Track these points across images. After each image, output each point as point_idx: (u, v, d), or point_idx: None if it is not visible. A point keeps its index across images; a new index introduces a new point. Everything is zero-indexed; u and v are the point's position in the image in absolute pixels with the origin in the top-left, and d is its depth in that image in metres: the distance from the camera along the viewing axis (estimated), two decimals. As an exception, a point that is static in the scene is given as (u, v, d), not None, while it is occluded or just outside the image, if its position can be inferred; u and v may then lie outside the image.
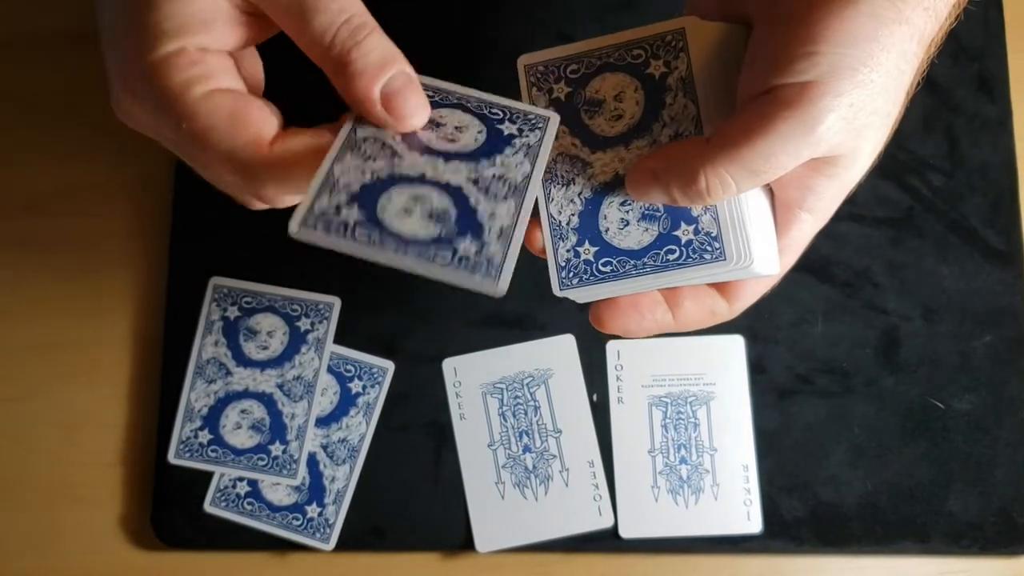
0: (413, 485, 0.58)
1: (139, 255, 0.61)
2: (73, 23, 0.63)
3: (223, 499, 0.57)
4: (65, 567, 0.59)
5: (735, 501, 0.57)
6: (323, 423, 0.58)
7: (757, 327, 0.59)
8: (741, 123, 0.35)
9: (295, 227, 0.34)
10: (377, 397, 0.58)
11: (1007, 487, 0.57)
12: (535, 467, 0.58)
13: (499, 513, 0.57)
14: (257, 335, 0.59)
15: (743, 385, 0.58)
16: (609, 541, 0.57)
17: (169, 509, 0.58)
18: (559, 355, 0.58)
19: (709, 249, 0.37)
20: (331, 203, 0.35)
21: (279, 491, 0.58)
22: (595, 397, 0.58)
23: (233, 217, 0.60)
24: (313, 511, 0.57)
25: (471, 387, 0.58)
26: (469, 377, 0.58)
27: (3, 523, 0.59)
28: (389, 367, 0.59)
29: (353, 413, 0.58)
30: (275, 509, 0.57)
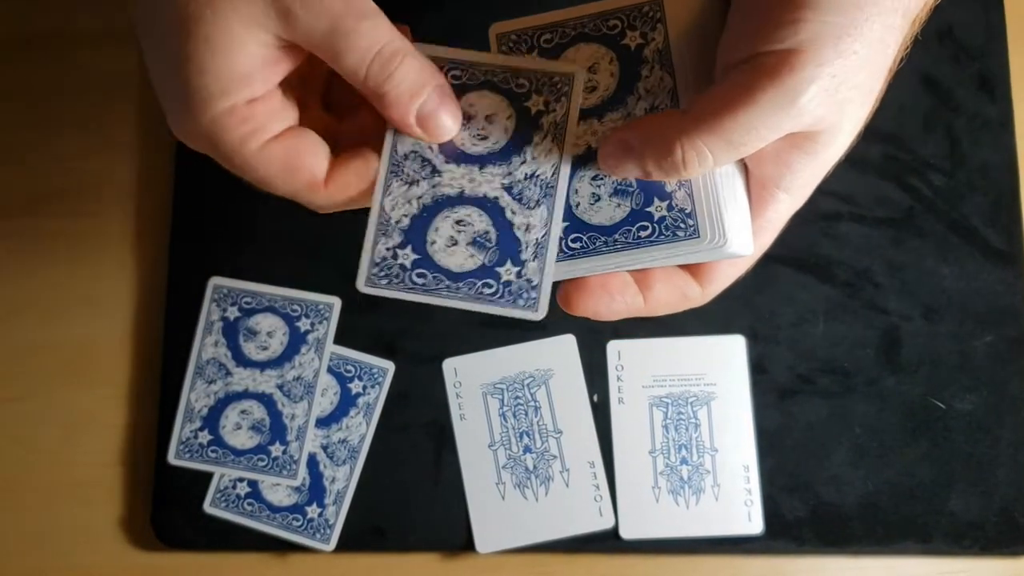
0: (413, 486, 0.58)
1: (139, 255, 0.61)
2: (73, 23, 0.63)
3: (223, 500, 0.57)
4: (65, 567, 0.58)
5: (736, 501, 0.57)
6: (323, 423, 0.58)
7: (758, 327, 0.59)
8: (720, 93, 0.34)
9: (362, 285, 0.38)
10: (377, 397, 0.58)
11: (1008, 487, 0.57)
12: (536, 467, 0.58)
13: (499, 514, 0.57)
14: (257, 335, 0.59)
15: (744, 385, 0.58)
16: (610, 542, 0.57)
17: (169, 510, 0.58)
18: (560, 355, 0.58)
19: (683, 226, 0.36)
20: (388, 249, 0.38)
21: (279, 492, 0.57)
22: (596, 397, 0.58)
23: (233, 217, 0.60)
24: (313, 512, 0.57)
25: (471, 387, 0.58)
26: (469, 377, 0.58)
27: (3, 523, 0.59)
28: (389, 367, 0.59)
29: (353, 413, 0.58)
30: (275, 510, 0.57)
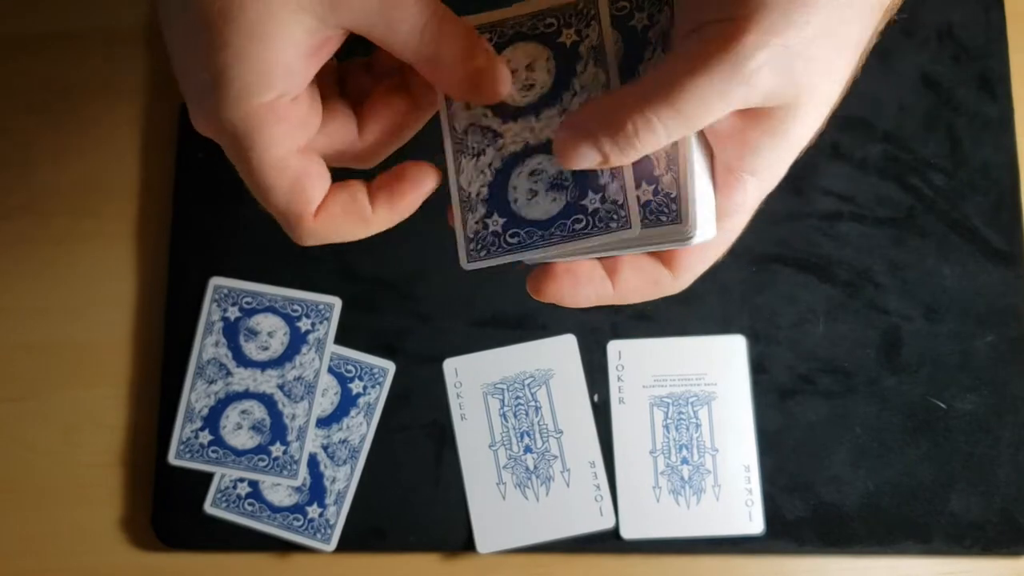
0: (414, 486, 0.58)
1: (140, 255, 0.61)
2: (74, 23, 0.63)
3: (224, 500, 0.57)
4: (66, 568, 0.58)
5: (737, 501, 0.57)
6: (324, 424, 0.58)
7: (758, 327, 0.59)
8: (668, 64, 0.33)
9: (465, 263, 0.38)
10: (378, 398, 0.58)
11: (1009, 487, 0.57)
12: (536, 468, 0.58)
13: (500, 514, 0.57)
14: (258, 335, 0.59)
15: (744, 385, 0.58)
16: (610, 542, 0.57)
17: (170, 510, 0.58)
18: (560, 355, 0.58)
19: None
20: (477, 222, 0.39)
21: (280, 492, 0.57)
22: (596, 397, 0.58)
23: (234, 217, 0.60)
24: (314, 512, 0.57)
25: (472, 387, 0.58)
26: (470, 377, 0.58)
27: (4, 523, 0.59)
28: (390, 367, 0.59)
29: (354, 414, 0.58)
30: (276, 510, 0.57)
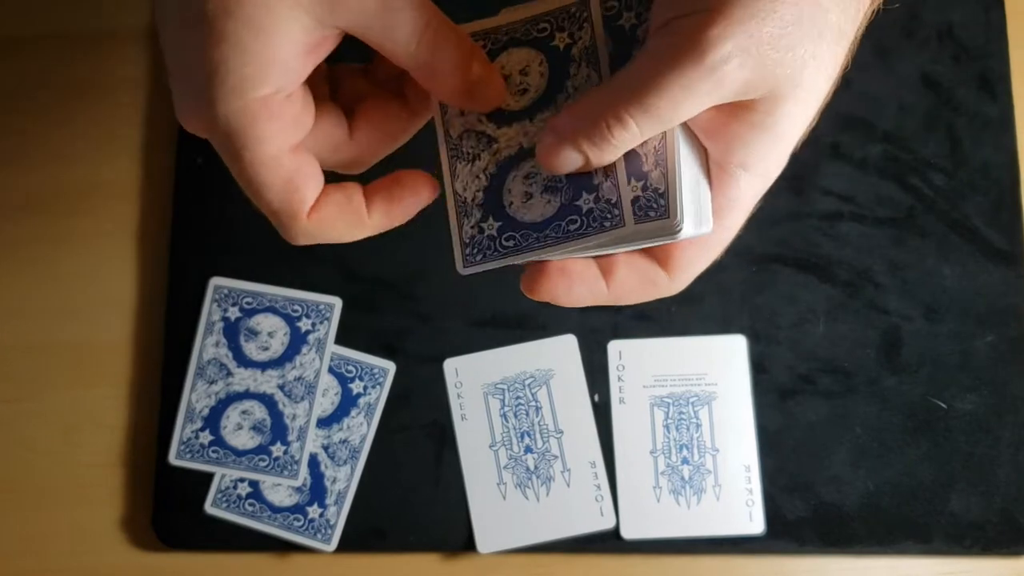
0: (414, 486, 0.58)
1: (140, 255, 0.61)
2: (74, 23, 0.63)
3: (224, 500, 0.57)
4: (66, 568, 0.58)
5: (737, 501, 0.57)
6: (324, 424, 0.58)
7: (759, 327, 0.59)
8: (637, 61, 0.34)
9: (461, 268, 0.39)
10: (378, 398, 0.58)
11: (1009, 487, 0.57)
12: (537, 468, 0.58)
13: (500, 514, 0.57)
14: (258, 336, 0.59)
15: (745, 385, 0.58)
16: (611, 542, 0.57)
17: (170, 510, 0.58)
18: (560, 355, 0.58)
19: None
20: (472, 226, 0.39)
21: (280, 492, 0.57)
22: (597, 397, 0.58)
23: (234, 218, 0.60)
24: (314, 512, 0.57)
25: (472, 387, 0.58)
26: (470, 377, 0.58)
27: (4, 523, 0.59)
28: (390, 368, 0.59)
29: (354, 414, 0.58)
30: (276, 510, 0.57)
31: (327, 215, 0.37)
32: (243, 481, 0.58)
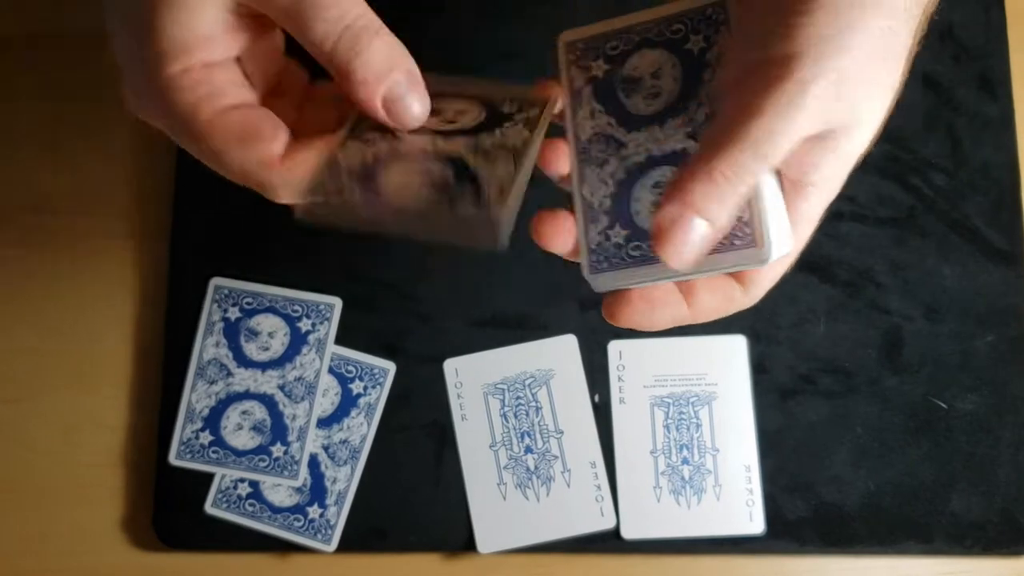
0: (414, 486, 0.58)
1: (140, 255, 0.61)
2: (74, 24, 0.63)
3: (224, 500, 0.57)
4: (66, 568, 0.59)
5: (737, 502, 0.57)
6: (324, 424, 0.58)
7: (759, 327, 0.59)
8: (732, 111, 0.34)
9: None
10: (378, 398, 0.58)
11: (1010, 487, 0.57)
12: (537, 468, 0.58)
13: (501, 514, 0.57)
14: (258, 336, 0.59)
15: (745, 385, 0.58)
16: (611, 542, 0.57)
17: (171, 510, 0.58)
18: (561, 355, 0.58)
19: (740, 234, 0.36)
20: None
21: (280, 492, 0.57)
22: (597, 397, 0.58)
23: (234, 218, 0.60)
24: (314, 512, 0.57)
25: (472, 388, 0.58)
26: (470, 378, 0.58)
27: (5, 524, 0.59)
28: (390, 368, 0.59)
29: (354, 414, 0.58)
30: (276, 510, 0.57)
31: (303, 157, 0.36)
32: (243, 481, 0.58)
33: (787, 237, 0.38)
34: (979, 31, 0.61)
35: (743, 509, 0.57)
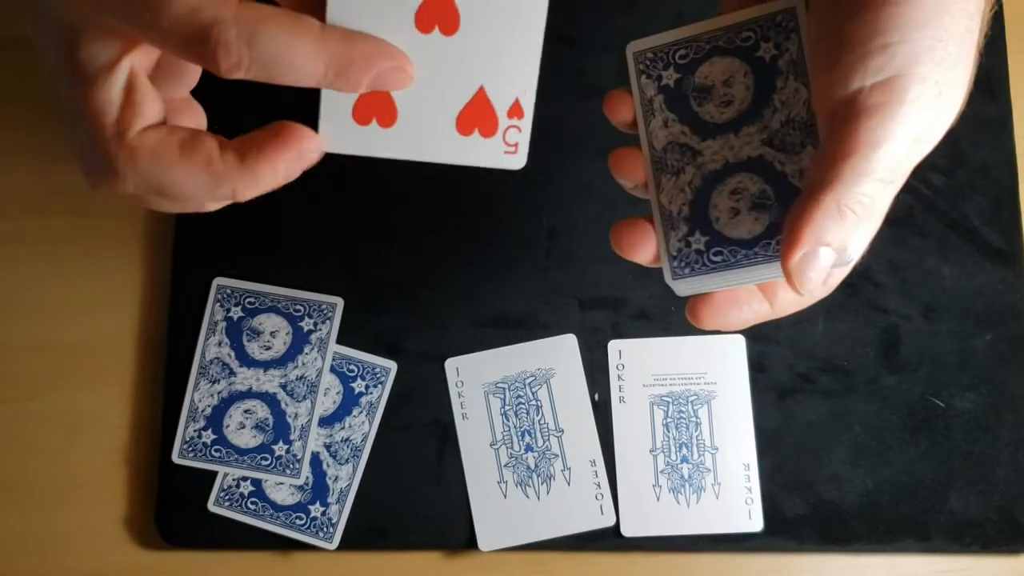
0: (416, 484, 0.58)
1: (143, 255, 0.61)
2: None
3: (227, 499, 0.58)
4: (69, 567, 0.59)
5: (736, 500, 0.57)
6: (326, 423, 0.58)
7: (758, 326, 0.58)
8: (842, 146, 0.34)
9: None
10: (380, 397, 0.58)
11: (1008, 485, 0.57)
12: (537, 466, 0.58)
13: (501, 512, 0.57)
14: (260, 335, 0.59)
15: (744, 384, 0.58)
16: (611, 540, 0.57)
17: (173, 509, 0.58)
18: (561, 355, 0.59)
19: None
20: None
21: (282, 491, 0.58)
22: (597, 396, 0.58)
23: (236, 217, 0.60)
24: (316, 510, 0.57)
25: (473, 387, 0.59)
26: (471, 377, 0.59)
27: (7, 523, 0.59)
28: (392, 367, 0.59)
29: (356, 413, 0.58)
30: (278, 508, 0.58)
31: (166, 148, 0.35)
32: (246, 480, 0.58)
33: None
34: (977, 31, 0.61)
35: (742, 507, 0.57)
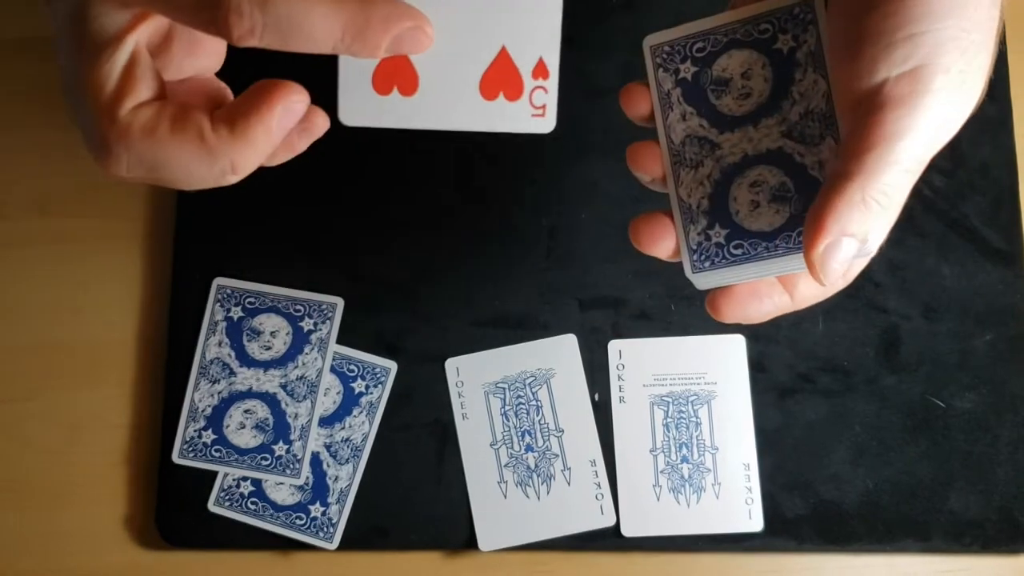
0: (416, 484, 0.58)
1: (143, 255, 0.61)
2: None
3: (227, 499, 0.58)
4: (69, 567, 0.59)
5: (736, 500, 0.57)
6: (326, 423, 0.58)
7: (758, 326, 0.58)
8: (867, 137, 0.34)
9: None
10: (380, 397, 0.58)
11: (1008, 485, 0.57)
12: (537, 466, 0.58)
13: (501, 512, 0.57)
14: (260, 335, 0.59)
15: (744, 384, 0.58)
16: (611, 540, 0.57)
17: (173, 509, 0.58)
18: (561, 355, 0.59)
19: None
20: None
21: (283, 491, 0.58)
22: (597, 396, 0.58)
23: (237, 218, 0.61)
24: (316, 510, 0.57)
25: (473, 387, 0.59)
26: (471, 377, 0.59)
27: (7, 523, 0.59)
28: (392, 367, 0.59)
29: (356, 413, 0.58)
30: (279, 508, 0.58)
31: (158, 124, 0.33)
32: (246, 480, 0.58)
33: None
34: (977, 31, 0.61)
35: (742, 507, 0.57)
